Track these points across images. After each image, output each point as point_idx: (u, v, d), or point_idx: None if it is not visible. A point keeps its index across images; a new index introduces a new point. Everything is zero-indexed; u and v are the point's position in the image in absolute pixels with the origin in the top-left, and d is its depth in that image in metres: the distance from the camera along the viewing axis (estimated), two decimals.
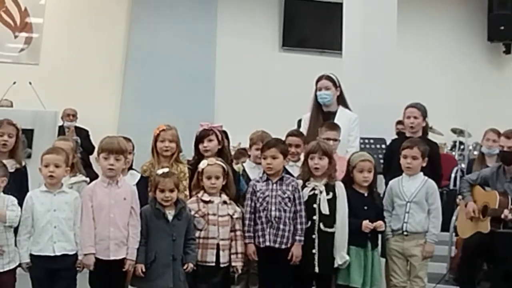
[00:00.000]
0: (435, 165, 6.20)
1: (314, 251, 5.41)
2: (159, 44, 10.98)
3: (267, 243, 5.40)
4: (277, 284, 5.46)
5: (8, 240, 4.86)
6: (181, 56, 10.98)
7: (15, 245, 4.90)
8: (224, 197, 5.39)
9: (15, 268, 4.90)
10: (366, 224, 5.50)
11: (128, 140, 5.76)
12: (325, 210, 5.43)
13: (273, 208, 5.41)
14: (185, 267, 5.12)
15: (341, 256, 5.40)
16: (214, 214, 5.30)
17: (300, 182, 5.55)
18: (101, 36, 11.08)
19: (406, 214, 5.70)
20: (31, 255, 4.89)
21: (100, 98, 10.80)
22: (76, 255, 4.95)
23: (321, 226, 5.43)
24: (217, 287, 5.29)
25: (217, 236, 5.26)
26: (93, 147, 9.34)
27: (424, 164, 5.82)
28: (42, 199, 4.98)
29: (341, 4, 7.97)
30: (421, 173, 5.82)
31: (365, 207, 5.61)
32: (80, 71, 10.80)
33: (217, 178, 5.36)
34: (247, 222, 5.47)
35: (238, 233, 5.41)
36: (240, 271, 5.46)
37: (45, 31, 11.01)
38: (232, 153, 6.90)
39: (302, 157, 5.80)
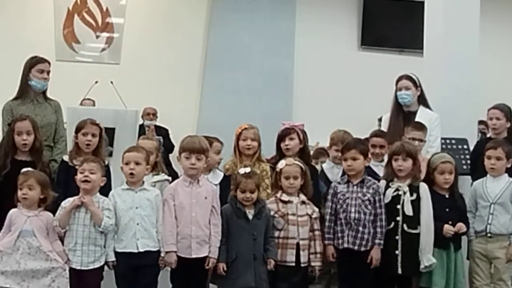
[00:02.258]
0: None
1: (397, 252, 5.37)
2: (238, 44, 11.00)
3: (346, 245, 5.39)
4: (357, 285, 5.42)
5: (97, 240, 4.94)
6: (260, 55, 10.99)
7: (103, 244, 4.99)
8: (302, 197, 5.38)
9: (101, 266, 4.98)
10: (447, 230, 5.44)
11: (217, 140, 5.81)
12: (409, 211, 5.38)
13: (352, 210, 5.39)
14: (268, 264, 5.14)
15: (427, 259, 5.35)
16: (293, 214, 5.30)
17: (384, 182, 5.51)
18: (181, 36, 11.16)
19: (490, 216, 5.61)
20: (115, 252, 4.97)
21: (180, 97, 10.88)
22: (158, 252, 5.02)
23: (405, 227, 5.39)
24: (296, 286, 5.30)
25: (296, 236, 5.25)
26: (173, 146, 9.47)
27: (508, 165, 5.72)
28: (124, 197, 5.07)
29: (421, 2, 7.85)
30: (506, 174, 5.72)
31: (447, 209, 5.54)
32: (160, 70, 10.91)
33: (295, 178, 5.36)
34: (327, 223, 5.46)
35: (317, 233, 5.40)
36: (318, 272, 5.44)
37: (125, 31, 11.13)
38: (311, 152, 6.86)
39: (386, 157, 5.76)
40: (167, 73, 10.89)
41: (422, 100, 6.66)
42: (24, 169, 5.11)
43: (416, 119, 6.44)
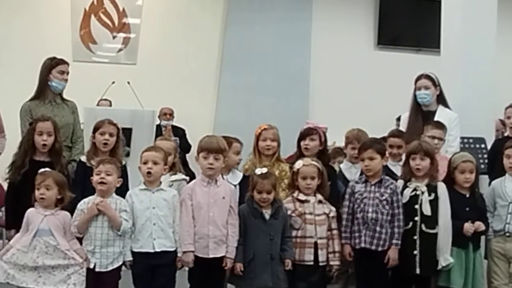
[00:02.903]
0: None
1: (415, 252, 5.34)
2: (254, 43, 10.99)
3: (363, 245, 5.37)
4: (374, 285, 5.42)
5: (115, 241, 4.95)
6: (276, 55, 10.97)
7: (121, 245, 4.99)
8: (319, 196, 5.37)
9: (119, 266, 4.99)
10: (468, 228, 5.40)
11: (237, 140, 5.82)
12: (427, 211, 5.36)
13: (370, 210, 5.37)
14: (285, 264, 5.14)
15: (444, 258, 5.33)
16: (310, 213, 5.29)
17: (401, 182, 5.49)
18: (197, 36, 11.15)
19: (509, 215, 5.57)
20: (132, 252, 4.98)
21: (196, 97, 10.88)
22: (175, 252, 5.02)
23: (423, 227, 5.36)
24: (315, 285, 5.29)
25: (314, 235, 5.24)
26: (190, 146, 9.50)
27: None
28: (141, 197, 5.07)
29: (437, 1, 7.84)
30: None
31: (467, 208, 5.51)
32: (176, 70, 10.91)
33: (312, 178, 5.35)
34: (344, 222, 5.45)
35: (335, 232, 5.39)
36: (336, 271, 5.44)
37: (142, 31, 11.14)
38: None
39: (403, 157, 5.74)
40: (183, 73, 10.90)
41: (441, 100, 6.65)
42: (42, 169, 5.13)
43: (435, 119, 6.42)
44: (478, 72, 7.15)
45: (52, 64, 6.33)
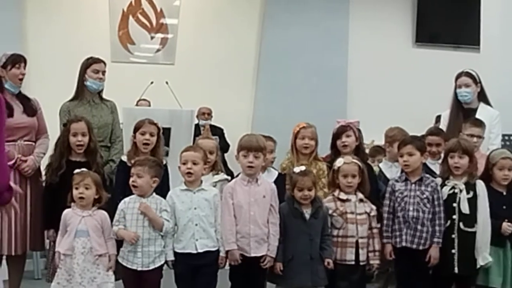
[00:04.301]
0: None
1: (453, 251, 5.30)
2: (292, 42, 10.97)
3: (404, 243, 5.34)
4: (415, 284, 5.38)
5: (156, 241, 4.98)
6: (314, 54, 10.96)
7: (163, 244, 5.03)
8: (360, 195, 5.34)
9: (161, 265, 5.02)
10: (506, 228, 5.36)
11: (271, 139, 5.81)
12: (465, 209, 5.31)
13: (410, 208, 5.34)
14: (326, 263, 5.12)
15: (483, 257, 5.28)
16: (352, 212, 5.26)
17: (439, 180, 5.45)
18: (234, 35, 11.19)
19: None
20: (174, 252, 5.00)
21: (234, 96, 10.91)
22: (218, 251, 5.04)
23: (461, 225, 5.32)
24: (356, 284, 5.27)
25: (355, 234, 5.22)
26: (228, 146, 9.51)
27: None
28: (182, 198, 5.08)
29: None
30: None
31: (504, 207, 5.46)
32: (214, 70, 10.95)
33: (353, 176, 5.32)
34: (385, 221, 5.43)
35: (375, 230, 5.37)
36: (377, 270, 5.43)
37: (180, 32, 11.19)
38: (366, 151, 6.83)
39: (442, 155, 5.70)
40: (221, 72, 10.93)
41: (482, 97, 6.57)
42: (78, 169, 5.19)
43: (477, 116, 6.35)
44: None
45: (87, 64, 6.34)
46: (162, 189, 5.23)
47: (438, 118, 7.01)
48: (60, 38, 10.61)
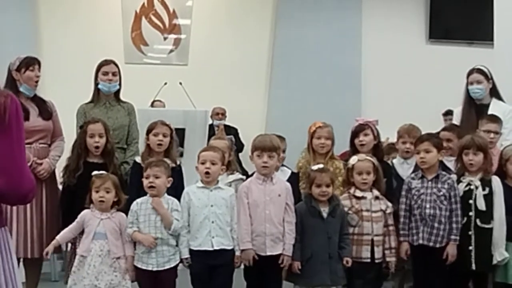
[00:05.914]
0: None
1: (470, 248, 5.29)
2: (305, 41, 10.95)
3: (421, 241, 5.34)
4: (432, 282, 5.37)
5: (170, 240, 5.00)
6: (327, 52, 10.93)
7: (176, 244, 5.04)
8: (376, 192, 5.35)
9: (176, 265, 5.03)
10: None
11: (282, 138, 5.82)
12: (482, 206, 5.30)
13: (427, 206, 5.33)
14: (344, 262, 5.12)
15: (499, 253, 5.27)
16: (367, 210, 5.27)
17: (455, 177, 5.43)
18: (247, 34, 11.17)
19: None
20: (190, 250, 5.01)
21: (248, 96, 10.89)
22: (233, 250, 5.04)
23: (478, 222, 5.31)
24: (371, 282, 5.28)
25: (371, 232, 5.23)
26: (243, 145, 9.51)
27: None
28: (199, 195, 5.09)
29: None
30: None
31: None
32: (227, 69, 10.94)
33: (368, 173, 5.33)
34: (401, 219, 5.42)
35: (391, 228, 5.36)
36: (393, 267, 5.42)
37: (192, 32, 11.19)
38: None
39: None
40: (235, 72, 10.92)
41: (494, 92, 6.54)
42: (97, 172, 5.21)
43: (489, 112, 6.33)
44: None
45: (98, 66, 6.35)
46: (177, 190, 5.24)
47: (445, 114, 6.96)
48: (74, 40, 10.65)
